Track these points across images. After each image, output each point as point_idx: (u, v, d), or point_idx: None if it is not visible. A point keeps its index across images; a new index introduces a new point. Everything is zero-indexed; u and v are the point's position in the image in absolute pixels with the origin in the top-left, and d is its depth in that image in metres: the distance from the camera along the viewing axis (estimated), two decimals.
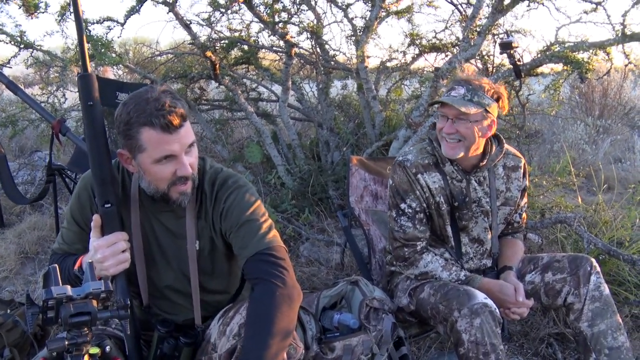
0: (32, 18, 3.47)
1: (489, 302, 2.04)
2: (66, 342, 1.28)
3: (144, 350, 1.83)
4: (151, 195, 1.69)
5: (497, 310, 2.05)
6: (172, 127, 1.55)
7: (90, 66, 1.55)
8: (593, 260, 2.25)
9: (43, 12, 3.51)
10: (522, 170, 2.42)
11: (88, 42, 3.80)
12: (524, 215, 2.54)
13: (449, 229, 2.34)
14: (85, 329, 1.30)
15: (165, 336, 1.79)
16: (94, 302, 1.31)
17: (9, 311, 2.46)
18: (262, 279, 1.60)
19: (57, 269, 1.32)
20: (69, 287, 1.28)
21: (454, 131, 2.16)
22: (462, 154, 2.20)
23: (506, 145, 2.34)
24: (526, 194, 2.50)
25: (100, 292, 1.31)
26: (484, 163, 2.28)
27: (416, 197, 2.29)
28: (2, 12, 3.80)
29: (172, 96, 1.59)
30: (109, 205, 1.60)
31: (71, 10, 3.57)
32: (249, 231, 1.69)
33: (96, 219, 1.61)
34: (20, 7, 3.47)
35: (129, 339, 1.71)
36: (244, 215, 1.71)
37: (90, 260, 1.43)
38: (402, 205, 2.30)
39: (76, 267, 1.67)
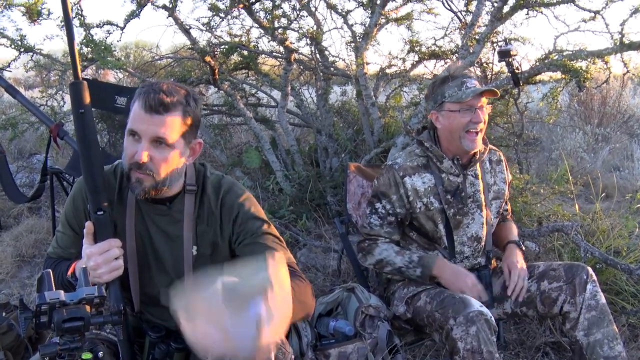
0: (34, 24, 3.49)
1: (485, 310, 2.04)
2: (58, 348, 1.27)
3: (138, 356, 1.83)
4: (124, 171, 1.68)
5: (493, 318, 2.04)
6: (150, 108, 1.56)
7: (80, 73, 1.54)
8: (589, 268, 2.25)
9: (45, 19, 3.53)
10: (503, 163, 2.51)
11: (89, 46, 3.81)
12: (509, 204, 2.64)
13: (440, 228, 2.34)
14: (78, 334, 1.29)
15: (156, 342, 1.78)
16: (87, 308, 1.30)
17: (4, 314, 2.45)
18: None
19: (51, 273, 1.32)
20: (62, 292, 1.28)
21: (482, 120, 2.24)
22: (480, 144, 2.30)
23: None
24: (509, 186, 2.57)
25: (94, 298, 1.31)
26: (478, 156, 2.34)
27: (393, 201, 2.34)
28: (3, 16, 3.81)
29: (176, 87, 1.62)
30: (102, 212, 1.59)
31: (75, 12, 3.60)
32: (264, 239, 1.72)
33: (89, 226, 1.61)
34: (23, 15, 3.49)
35: (122, 345, 1.70)
36: (259, 228, 1.74)
37: (84, 266, 1.42)
38: (377, 205, 2.37)
39: (69, 273, 1.66)
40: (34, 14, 3.43)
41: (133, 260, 1.75)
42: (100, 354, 1.44)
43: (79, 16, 3.63)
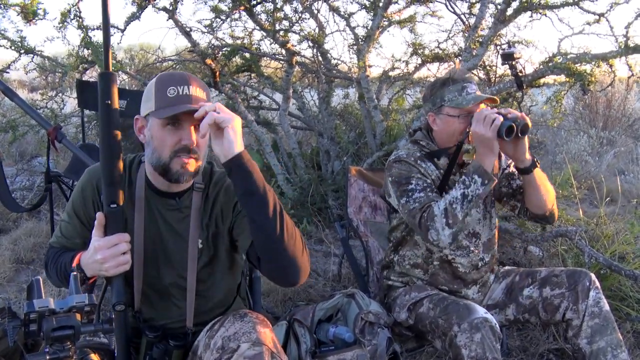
0: (30, 25, 3.46)
1: (489, 316, 2.01)
2: (47, 357, 1.24)
3: (134, 357, 1.80)
4: (153, 166, 1.67)
5: (497, 325, 2.01)
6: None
7: (111, 65, 1.53)
8: (592, 275, 2.21)
9: (42, 19, 3.50)
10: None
11: (88, 48, 3.79)
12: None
13: None
14: (68, 343, 1.26)
15: (154, 341, 1.76)
16: (78, 316, 1.27)
17: None
18: None
19: (41, 281, 1.29)
20: (51, 299, 1.25)
21: None
22: None
23: None
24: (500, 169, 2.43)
25: (84, 306, 1.27)
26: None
27: (420, 176, 2.23)
28: (3, 17, 3.79)
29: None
30: (115, 205, 1.57)
31: (71, 16, 3.57)
32: None
33: (100, 218, 1.58)
34: (18, 14, 3.46)
35: (118, 343, 1.67)
36: None
37: (75, 273, 1.39)
38: (410, 186, 2.21)
39: (74, 264, 1.63)
40: (29, 14, 3.40)
41: (139, 255, 1.74)
42: None
43: (78, 18, 3.61)
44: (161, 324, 1.82)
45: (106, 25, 1.50)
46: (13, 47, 4.01)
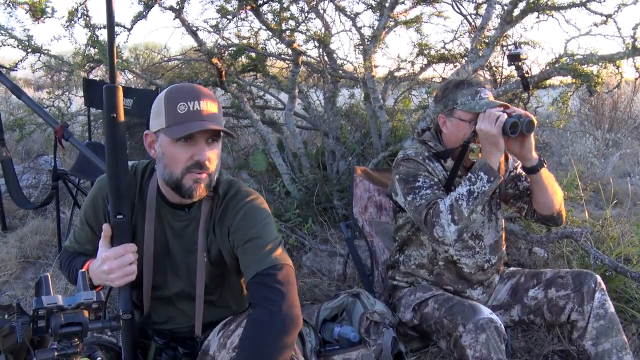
0: (38, 22, 3.47)
1: (494, 317, 2.01)
2: (55, 353, 1.25)
3: (140, 359, 1.81)
4: (165, 181, 1.65)
5: (502, 325, 2.01)
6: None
7: (117, 78, 1.52)
8: (598, 276, 2.21)
9: (50, 17, 3.52)
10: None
11: (95, 47, 3.80)
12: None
13: None
14: (76, 339, 1.27)
15: (163, 347, 1.77)
16: (86, 313, 1.28)
17: (6, 316, 2.43)
18: (258, 304, 1.56)
19: (49, 277, 1.30)
20: (59, 296, 1.26)
21: None
22: None
23: None
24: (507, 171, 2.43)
25: (92, 303, 1.28)
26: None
27: (427, 175, 2.24)
28: (11, 16, 3.80)
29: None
30: (121, 216, 1.58)
31: (78, 14, 3.59)
32: (253, 248, 1.65)
33: (106, 230, 1.59)
34: (27, 12, 3.47)
35: (125, 349, 1.68)
36: (250, 231, 1.68)
37: (84, 270, 1.41)
38: (417, 184, 2.22)
39: (83, 270, 1.65)
40: (37, 12, 3.41)
41: (149, 262, 1.75)
42: (99, 359, 1.42)
43: (85, 17, 3.63)
44: (169, 329, 1.84)
45: (111, 42, 1.50)
46: (20, 46, 4.03)
